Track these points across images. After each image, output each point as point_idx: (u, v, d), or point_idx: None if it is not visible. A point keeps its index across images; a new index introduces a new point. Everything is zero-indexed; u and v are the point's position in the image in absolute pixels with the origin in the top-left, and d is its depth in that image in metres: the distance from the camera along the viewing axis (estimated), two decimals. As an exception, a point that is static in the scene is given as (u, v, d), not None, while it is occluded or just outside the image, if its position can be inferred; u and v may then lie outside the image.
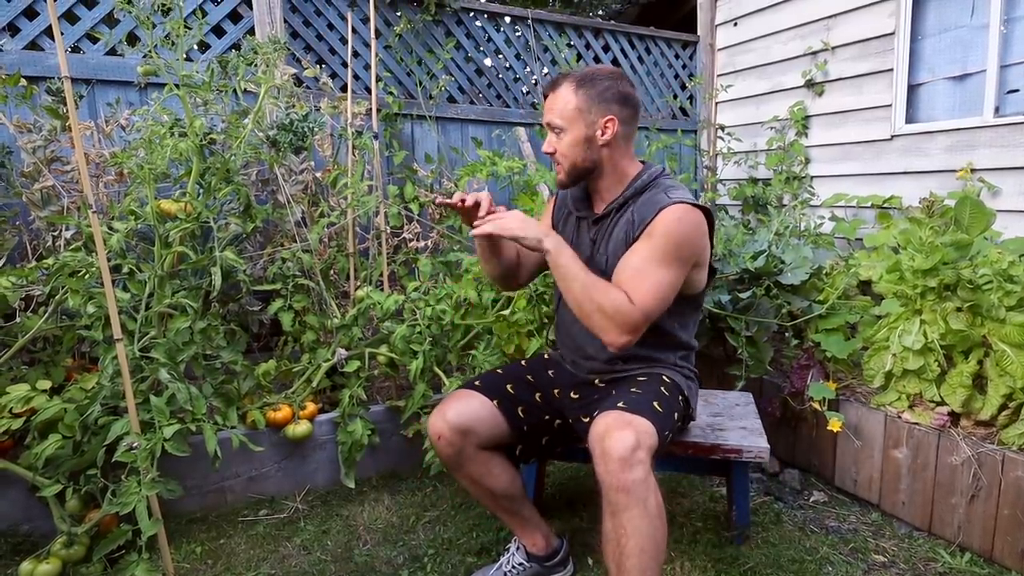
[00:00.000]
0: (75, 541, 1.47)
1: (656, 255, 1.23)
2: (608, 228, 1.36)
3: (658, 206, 1.26)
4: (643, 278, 1.22)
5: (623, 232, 1.31)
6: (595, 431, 1.13)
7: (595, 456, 1.11)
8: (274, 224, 2.20)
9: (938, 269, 1.75)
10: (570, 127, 1.30)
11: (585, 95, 1.29)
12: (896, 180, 2.84)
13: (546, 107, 1.33)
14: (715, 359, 2.23)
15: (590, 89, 1.29)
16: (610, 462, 1.07)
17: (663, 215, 1.25)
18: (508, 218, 1.25)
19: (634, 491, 1.06)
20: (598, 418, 1.15)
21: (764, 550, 1.59)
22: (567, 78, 1.32)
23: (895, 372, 1.79)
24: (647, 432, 1.12)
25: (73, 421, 1.52)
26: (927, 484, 1.66)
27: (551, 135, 1.34)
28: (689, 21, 3.93)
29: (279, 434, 1.82)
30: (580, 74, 1.31)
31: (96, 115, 2.24)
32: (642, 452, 1.08)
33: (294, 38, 2.64)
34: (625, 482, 1.06)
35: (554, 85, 1.32)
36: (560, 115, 1.30)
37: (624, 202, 1.34)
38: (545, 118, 1.34)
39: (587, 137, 1.30)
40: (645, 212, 1.28)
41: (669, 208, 1.25)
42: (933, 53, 2.75)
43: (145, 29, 1.67)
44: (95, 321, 1.60)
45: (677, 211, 1.25)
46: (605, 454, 1.08)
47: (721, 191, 3.65)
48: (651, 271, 1.23)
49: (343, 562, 1.57)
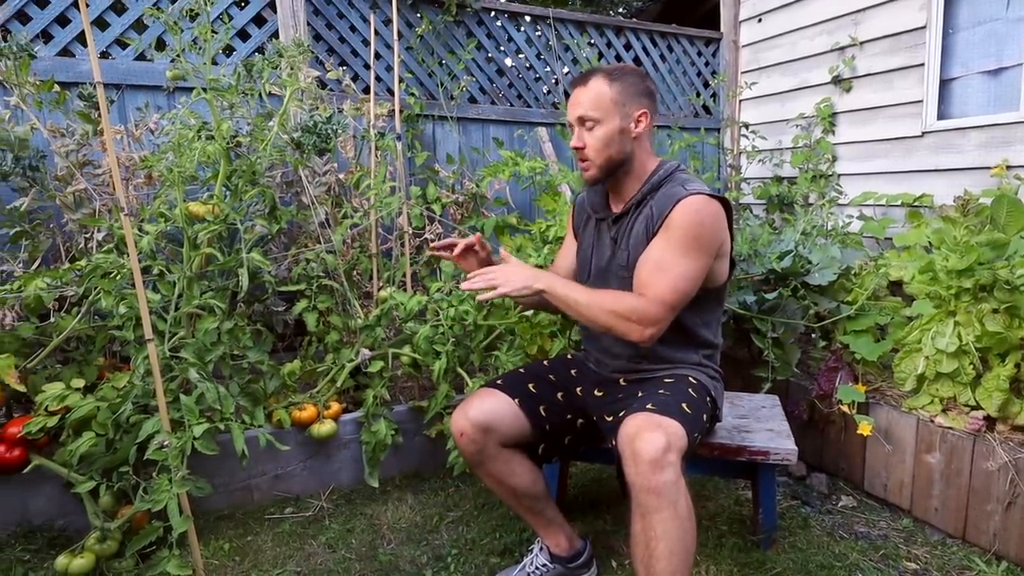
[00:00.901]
0: (108, 536, 1.50)
1: (675, 246, 1.25)
2: (628, 225, 1.36)
3: (675, 198, 1.27)
4: (662, 271, 1.24)
5: (642, 227, 1.32)
6: (625, 432, 1.12)
7: (625, 458, 1.10)
8: (298, 225, 2.22)
9: (973, 269, 1.70)
10: (606, 119, 1.29)
11: (620, 87, 1.30)
12: (927, 178, 2.77)
13: (574, 102, 1.32)
14: (740, 361, 2.19)
15: (624, 82, 1.30)
16: (640, 464, 1.07)
17: (680, 206, 1.26)
18: (494, 275, 1.24)
19: (665, 493, 1.05)
20: (627, 419, 1.14)
21: (791, 555, 1.57)
22: (597, 72, 1.32)
23: (927, 375, 1.75)
24: (677, 434, 1.11)
25: (106, 419, 1.55)
26: (961, 490, 1.62)
27: (579, 130, 1.33)
28: (712, 17, 3.88)
29: (304, 433, 1.84)
30: (609, 68, 1.33)
31: (126, 119, 2.28)
32: (672, 454, 1.07)
33: (317, 41, 2.67)
34: (656, 484, 1.05)
35: (584, 79, 1.32)
36: (594, 107, 1.29)
37: (642, 198, 1.35)
38: (574, 113, 1.32)
39: (622, 129, 1.31)
40: (663, 205, 1.29)
41: (686, 199, 1.26)
42: (966, 47, 2.67)
43: (173, 34, 1.70)
44: (126, 321, 1.62)
45: (694, 202, 1.26)
46: (636, 455, 1.07)
47: (745, 190, 3.60)
48: (671, 263, 1.24)
49: (367, 561, 1.58)
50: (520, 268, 1.28)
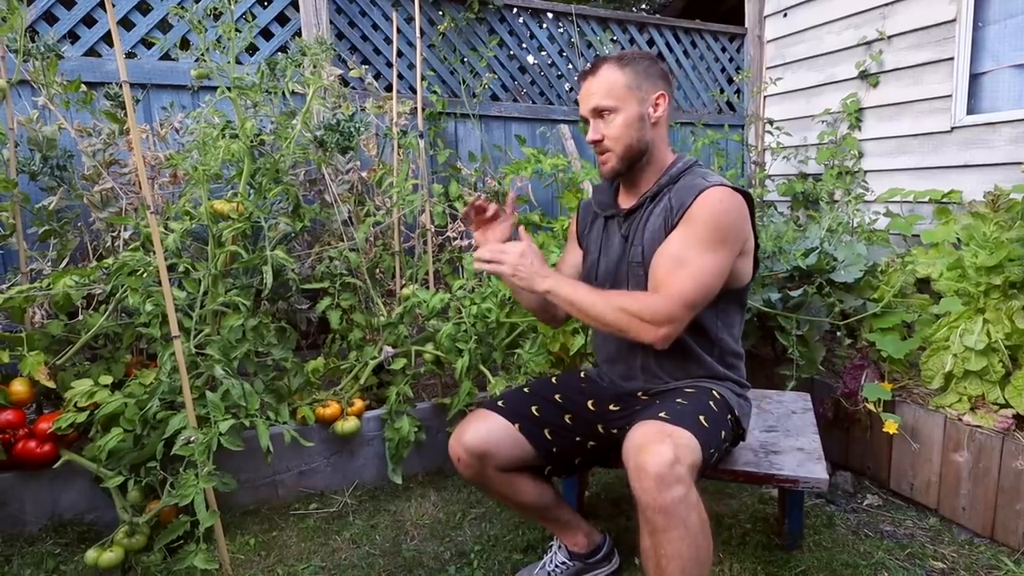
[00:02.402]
0: (136, 531, 1.52)
1: (697, 240, 1.17)
2: (642, 219, 1.28)
3: (696, 189, 1.20)
4: (681, 266, 1.16)
5: (660, 219, 1.24)
6: (630, 443, 1.03)
7: (629, 471, 1.02)
8: (321, 223, 2.23)
9: (1004, 266, 1.66)
10: (623, 105, 1.23)
11: (632, 71, 1.23)
12: (956, 174, 2.71)
13: (586, 93, 1.25)
14: (764, 359, 2.17)
15: (636, 66, 1.24)
16: (645, 479, 0.98)
17: (703, 198, 1.18)
18: (506, 257, 1.18)
19: (673, 512, 0.97)
20: (634, 429, 1.06)
21: (816, 554, 1.54)
22: (605, 60, 1.25)
23: (955, 373, 1.72)
24: (688, 446, 1.02)
25: (133, 415, 1.57)
26: (989, 489, 1.59)
27: (596, 122, 1.25)
28: (736, 13, 3.83)
29: (328, 430, 1.85)
30: (619, 54, 1.26)
31: (151, 119, 2.31)
32: (681, 467, 0.98)
33: (339, 39, 2.68)
34: (662, 503, 0.97)
35: (593, 69, 1.26)
36: (608, 94, 1.22)
37: (659, 191, 1.27)
38: (587, 104, 1.25)
39: (640, 115, 1.24)
40: (684, 197, 1.21)
41: (708, 191, 1.19)
42: (997, 40, 2.60)
43: (197, 33, 1.71)
44: (153, 319, 1.64)
45: (717, 192, 1.19)
46: (640, 470, 0.99)
47: (769, 187, 3.55)
48: (691, 257, 1.16)
49: (391, 556, 1.59)
50: (533, 260, 1.19)
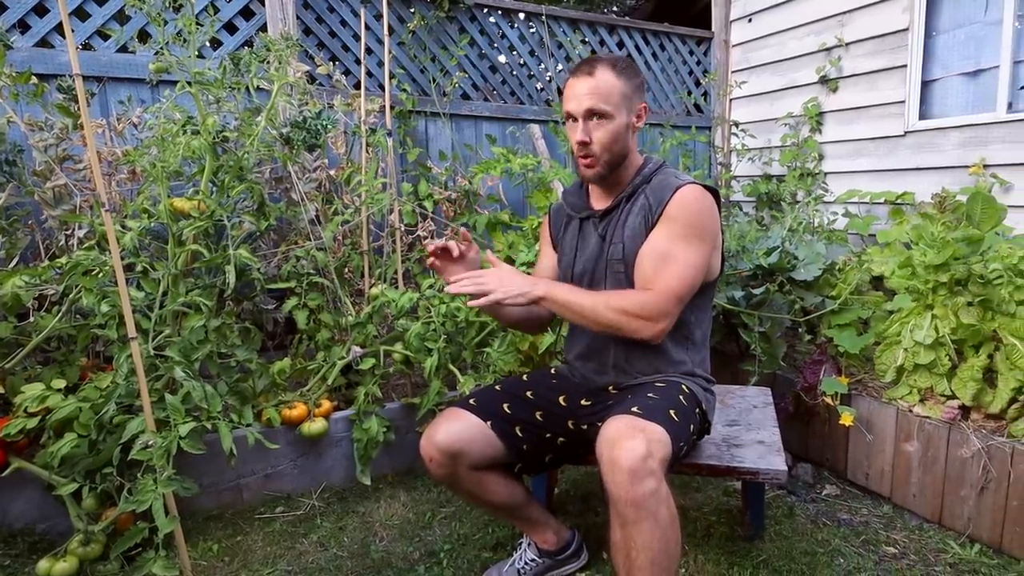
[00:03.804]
0: (92, 539, 1.47)
1: (678, 236, 1.22)
2: (619, 218, 1.31)
3: (672, 187, 1.25)
4: (667, 262, 1.21)
5: (639, 218, 1.28)
6: (603, 438, 1.06)
7: (602, 465, 1.04)
8: (288, 222, 2.19)
9: (949, 264, 1.74)
10: (617, 113, 1.23)
11: (628, 81, 1.24)
12: (909, 176, 2.83)
13: (580, 93, 1.22)
14: (729, 355, 2.22)
15: (630, 74, 1.25)
16: (618, 473, 1.00)
17: (679, 196, 1.23)
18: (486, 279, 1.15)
19: (644, 504, 1.00)
20: (608, 423, 1.08)
21: (777, 543, 1.59)
22: (601, 62, 1.24)
23: (906, 367, 1.79)
24: (660, 440, 1.05)
25: (88, 420, 1.52)
26: (937, 477, 1.66)
27: (586, 123, 1.23)
28: (704, 17, 3.92)
29: (295, 432, 1.82)
30: (611, 58, 1.26)
31: (108, 113, 2.24)
32: (653, 461, 1.01)
33: (307, 35, 2.64)
34: (634, 495, 0.99)
35: (589, 69, 1.23)
36: (607, 100, 1.21)
37: (633, 191, 1.31)
38: (582, 104, 1.22)
39: (628, 124, 1.26)
40: (661, 195, 1.25)
41: (684, 189, 1.24)
42: (947, 49, 2.73)
43: (156, 26, 1.66)
44: (109, 320, 1.59)
45: (693, 191, 1.24)
46: (613, 463, 1.01)
47: (735, 188, 3.64)
48: (676, 253, 1.21)
49: (360, 558, 1.58)
50: (515, 273, 1.18)
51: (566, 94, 1.27)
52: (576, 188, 1.44)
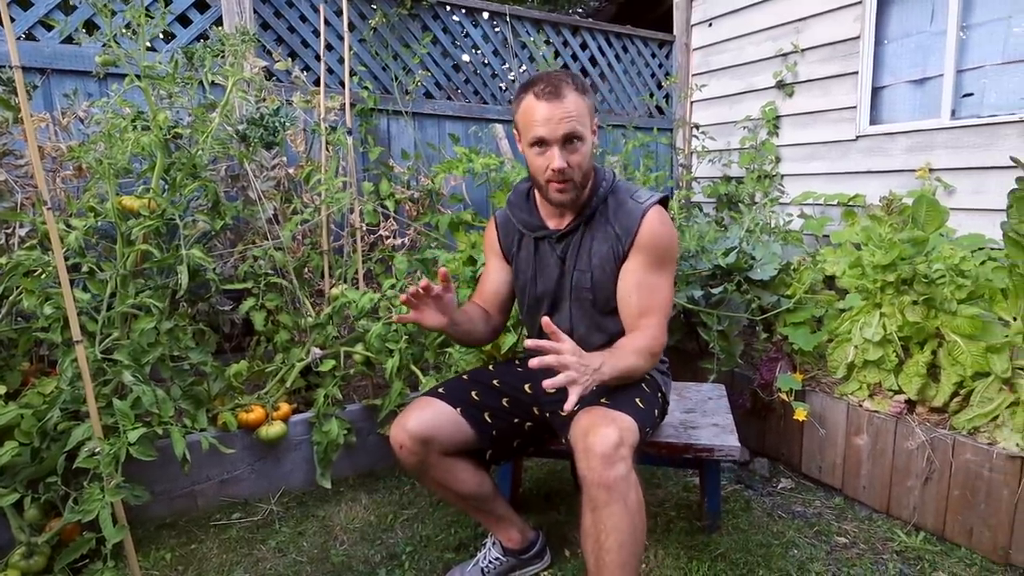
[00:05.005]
0: (35, 551, 1.41)
1: (654, 266, 1.28)
2: (581, 243, 1.32)
3: (636, 215, 1.28)
4: (653, 293, 1.28)
5: (606, 246, 1.30)
6: (578, 427, 1.12)
7: (577, 452, 1.10)
8: (245, 221, 2.14)
9: (896, 264, 1.81)
10: (587, 134, 1.24)
11: (589, 99, 1.24)
12: (861, 179, 2.94)
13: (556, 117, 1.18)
14: (689, 353, 2.27)
15: (589, 92, 1.26)
16: (592, 459, 1.06)
17: (647, 224, 1.28)
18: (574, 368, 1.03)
19: (615, 488, 1.06)
20: (580, 414, 1.14)
21: (734, 536, 1.64)
22: (565, 83, 1.20)
23: (856, 363, 1.85)
24: (630, 429, 1.11)
25: (31, 427, 1.46)
26: (885, 468, 1.73)
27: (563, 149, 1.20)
28: (666, 20, 3.98)
29: (252, 436, 1.79)
30: (571, 77, 1.24)
31: (52, 107, 2.14)
32: (625, 449, 1.07)
33: (264, 29, 2.57)
34: (607, 479, 1.05)
35: (556, 91, 1.18)
36: (580, 122, 1.20)
37: (592, 213, 1.32)
38: (561, 129, 1.19)
39: (593, 143, 1.28)
40: (627, 223, 1.28)
41: (649, 214, 1.28)
42: (896, 57, 2.85)
43: (103, 17, 1.60)
44: (53, 323, 1.53)
45: (657, 214, 1.29)
46: (588, 451, 1.07)
47: (696, 189, 3.72)
48: (658, 284, 1.28)
49: (319, 563, 1.55)
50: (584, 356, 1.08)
51: (532, 117, 1.20)
52: (522, 201, 1.41)
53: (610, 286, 1.32)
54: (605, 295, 1.33)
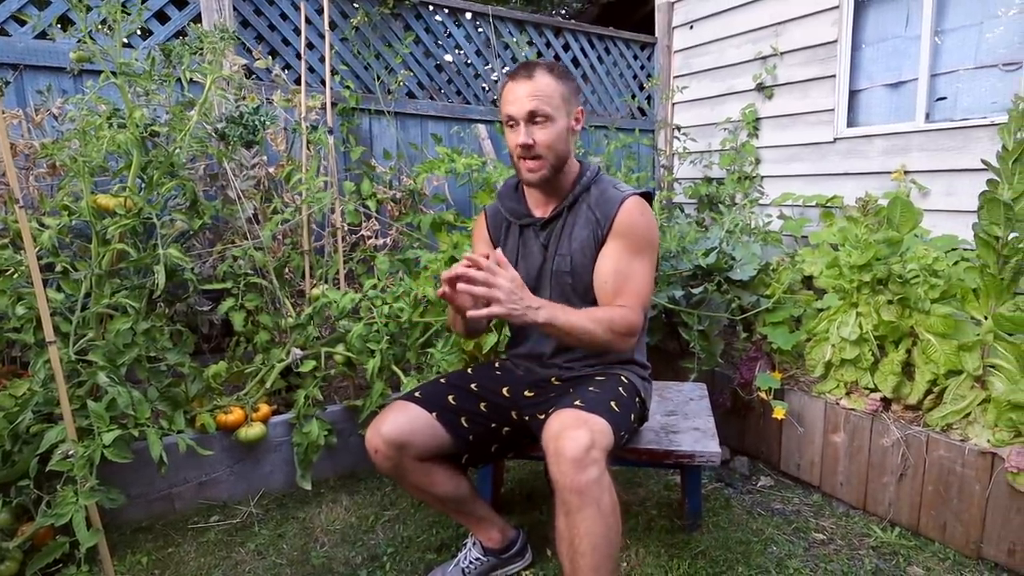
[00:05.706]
0: (6, 556, 1.39)
1: (633, 251, 1.28)
2: (563, 229, 1.34)
3: (617, 201, 1.29)
4: (628, 279, 1.27)
5: (587, 231, 1.31)
6: (549, 430, 1.11)
7: (548, 456, 1.09)
8: (224, 221, 2.12)
9: (871, 264, 1.84)
10: (558, 116, 1.26)
11: (566, 84, 1.28)
12: (839, 180, 2.99)
13: (521, 95, 1.24)
14: (669, 353, 2.29)
15: (567, 79, 1.29)
16: (563, 463, 1.05)
17: (626, 211, 1.29)
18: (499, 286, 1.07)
19: (588, 492, 1.05)
20: (553, 416, 1.13)
21: (714, 534, 1.66)
22: (538, 66, 1.26)
23: (834, 361, 1.88)
24: (602, 431, 1.10)
25: (2, 430, 1.43)
26: (862, 465, 1.76)
27: (528, 126, 1.24)
28: (648, 22, 4.01)
29: (231, 437, 1.77)
30: (547, 63, 1.29)
31: (25, 103, 2.10)
32: (596, 451, 1.07)
33: (244, 27, 2.55)
34: (578, 483, 1.04)
35: (527, 73, 1.25)
36: (548, 102, 1.24)
37: (574, 201, 1.34)
38: (524, 107, 1.23)
39: (568, 127, 1.30)
40: (606, 209, 1.30)
41: (628, 202, 1.30)
42: (872, 61, 2.90)
43: (78, 12, 1.57)
44: (25, 323, 1.51)
45: (637, 203, 1.31)
46: (559, 454, 1.06)
47: (677, 190, 3.75)
48: (633, 269, 1.27)
49: (299, 565, 1.54)
50: (524, 288, 1.12)
51: (505, 98, 1.28)
52: (511, 191, 1.45)
53: (590, 270, 1.33)
54: (584, 280, 1.33)
